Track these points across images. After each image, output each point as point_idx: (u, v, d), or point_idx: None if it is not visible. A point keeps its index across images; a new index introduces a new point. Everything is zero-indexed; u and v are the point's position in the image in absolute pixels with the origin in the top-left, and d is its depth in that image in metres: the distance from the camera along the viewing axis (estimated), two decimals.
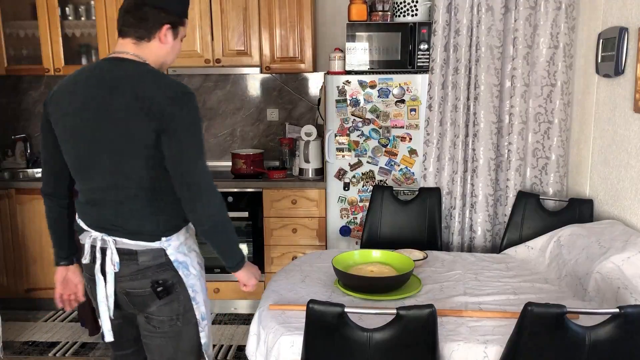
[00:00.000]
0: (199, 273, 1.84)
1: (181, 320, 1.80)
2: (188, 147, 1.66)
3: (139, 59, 1.73)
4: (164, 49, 1.78)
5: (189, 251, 1.81)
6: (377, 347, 1.59)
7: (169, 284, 1.76)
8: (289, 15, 3.54)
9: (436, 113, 3.11)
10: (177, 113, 1.63)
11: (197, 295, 1.82)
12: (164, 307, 1.78)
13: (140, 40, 1.74)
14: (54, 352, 3.24)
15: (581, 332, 1.53)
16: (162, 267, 1.75)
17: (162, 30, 1.74)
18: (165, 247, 1.74)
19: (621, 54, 2.39)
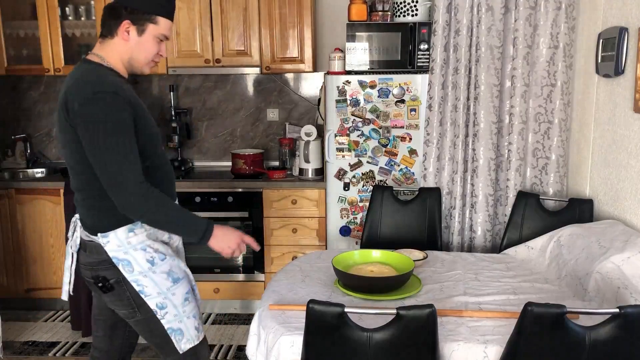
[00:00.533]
0: (149, 270, 1.83)
1: (140, 312, 1.87)
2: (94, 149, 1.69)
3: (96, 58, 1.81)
4: (127, 46, 1.81)
5: (134, 250, 1.82)
6: (377, 347, 1.59)
7: (111, 282, 1.83)
8: (289, 15, 3.54)
9: (436, 113, 3.11)
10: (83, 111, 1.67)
11: (146, 288, 1.84)
12: (116, 301, 1.88)
13: (104, 37, 1.83)
14: (54, 352, 3.24)
15: (581, 332, 1.53)
16: (104, 264, 1.82)
17: (121, 26, 1.79)
18: (103, 244, 1.80)
19: (621, 54, 2.39)
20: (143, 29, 1.81)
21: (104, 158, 1.68)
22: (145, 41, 1.82)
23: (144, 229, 1.84)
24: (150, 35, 1.82)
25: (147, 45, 1.83)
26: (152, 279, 1.84)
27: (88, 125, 1.67)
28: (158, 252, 1.87)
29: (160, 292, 1.85)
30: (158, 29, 1.83)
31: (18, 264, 3.68)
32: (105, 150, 1.67)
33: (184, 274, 1.94)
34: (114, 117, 1.68)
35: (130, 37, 1.80)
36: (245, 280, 3.62)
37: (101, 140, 1.67)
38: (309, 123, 3.82)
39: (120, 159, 1.68)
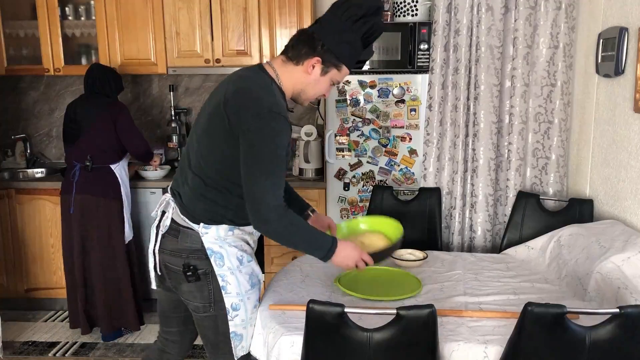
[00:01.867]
0: (237, 268, 1.88)
1: (214, 308, 1.89)
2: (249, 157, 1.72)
3: (272, 72, 1.84)
4: (306, 79, 1.85)
5: (228, 246, 1.87)
6: (377, 347, 1.59)
7: (199, 271, 1.85)
8: (289, 15, 3.54)
9: (436, 113, 3.11)
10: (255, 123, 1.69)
11: (229, 286, 1.87)
12: (196, 292, 1.89)
13: (289, 60, 1.85)
14: (54, 352, 3.24)
15: (581, 332, 1.53)
16: (197, 253, 1.85)
17: (310, 60, 1.82)
18: (202, 234, 1.84)
19: (621, 54, 2.39)
20: (327, 70, 1.84)
21: (256, 174, 1.71)
22: (323, 81, 1.86)
23: (241, 232, 1.90)
24: (329, 78, 1.86)
25: (322, 85, 1.87)
26: (236, 277, 1.88)
27: (255, 138, 1.70)
28: (247, 253, 1.93)
29: (239, 293, 1.88)
30: (338, 75, 1.87)
31: (18, 264, 3.68)
32: (262, 168, 1.71)
33: (259, 281, 1.97)
34: (279, 140, 1.72)
35: (313, 73, 1.83)
36: None
37: (262, 157, 1.71)
38: (309, 123, 3.82)
39: (270, 179, 1.72)
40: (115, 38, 3.64)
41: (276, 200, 1.74)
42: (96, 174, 3.21)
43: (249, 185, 1.73)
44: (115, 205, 3.24)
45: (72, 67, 3.75)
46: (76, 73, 3.81)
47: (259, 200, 1.72)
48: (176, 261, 1.88)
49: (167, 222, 1.90)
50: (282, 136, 1.73)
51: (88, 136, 3.21)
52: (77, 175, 3.19)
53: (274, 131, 1.71)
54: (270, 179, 1.72)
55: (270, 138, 1.71)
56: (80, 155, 3.21)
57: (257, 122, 1.70)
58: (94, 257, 3.24)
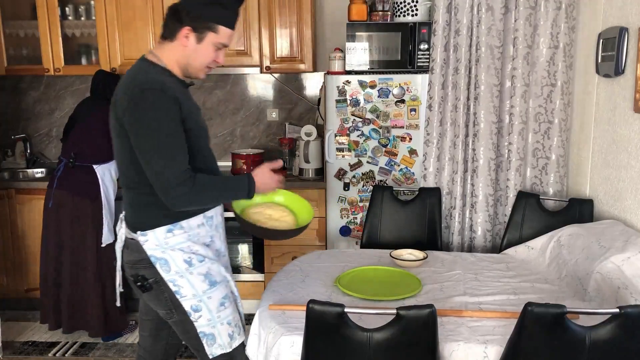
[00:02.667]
0: (186, 271, 1.85)
1: (177, 313, 1.88)
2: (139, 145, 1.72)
3: (152, 58, 1.83)
4: (185, 51, 1.82)
5: (171, 250, 1.83)
6: (377, 347, 1.59)
7: (149, 281, 1.85)
8: (289, 15, 3.54)
9: (436, 113, 3.11)
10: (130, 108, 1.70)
11: (182, 289, 1.85)
12: (155, 301, 1.90)
13: (164, 39, 1.84)
14: (54, 352, 3.24)
15: (581, 332, 1.53)
16: (143, 263, 1.84)
17: (181, 32, 1.79)
18: (142, 242, 1.82)
19: (621, 54, 2.39)
20: (202, 36, 1.80)
21: (149, 155, 1.71)
22: (203, 48, 1.82)
23: (183, 230, 1.86)
24: (209, 43, 1.82)
25: (203, 53, 1.83)
26: (188, 279, 1.84)
27: (134, 122, 1.70)
28: (197, 254, 1.87)
29: (195, 294, 1.85)
30: (218, 37, 1.83)
31: (18, 264, 3.68)
32: (151, 148, 1.70)
33: (222, 278, 1.93)
34: (160, 115, 1.70)
35: (188, 43, 1.81)
36: (245, 280, 3.61)
37: (147, 137, 1.70)
38: (309, 123, 3.82)
39: (164, 157, 1.70)
40: (115, 38, 3.64)
41: (178, 174, 1.71)
42: (78, 171, 3.22)
43: (147, 168, 1.72)
44: (91, 206, 3.19)
45: (72, 67, 3.75)
46: (76, 73, 3.81)
47: (161, 179, 1.71)
48: (129, 272, 1.91)
49: (123, 237, 1.93)
50: (162, 109, 1.70)
51: (77, 133, 3.25)
52: (61, 170, 3.21)
53: (151, 107, 1.69)
54: (163, 155, 1.70)
55: (150, 115, 1.69)
56: (67, 152, 3.24)
57: (132, 105, 1.70)
58: (65, 255, 3.22)
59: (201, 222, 1.90)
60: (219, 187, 1.84)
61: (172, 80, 1.82)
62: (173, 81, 1.82)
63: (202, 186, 1.77)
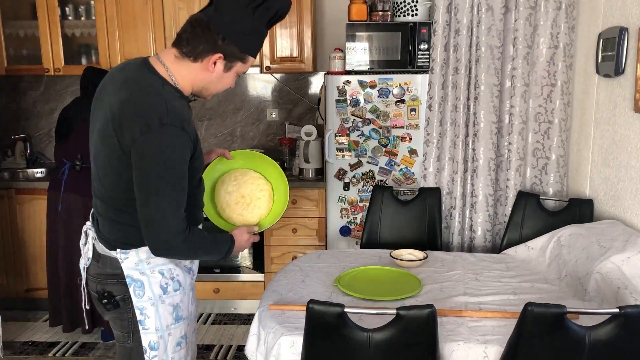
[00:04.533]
0: (158, 298, 1.69)
1: (132, 340, 1.73)
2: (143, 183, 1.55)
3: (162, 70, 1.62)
4: (208, 77, 1.65)
5: (151, 272, 1.68)
6: (377, 347, 1.59)
7: (116, 298, 1.70)
8: (289, 15, 3.51)
9: (436, 113, 3.11)
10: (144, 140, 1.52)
11: (147, 320, 1.69)
12: (116, 320, 1.74)
13: (184, 55, 1.62)
14: (54, 352, 3.24)
15: (581, 332, 1.53)
16: (114, 278, 1.69)
17: (212, 58, 1.61)
18: (121, 260, 1.67)
19: (621, 54, 2.39)
20: (231, 65, 1.65)
21: (152, 198, 1.54)
22: (228, 77, 1.68)
23: None
24: (235, 72, 1.68)
25: (227, 81, 1.69)
26: (157, 309, 1.69)
27: (147, 157, 1.52)
28: (174, 280, 1.73)
29: (158, 329, 1.70)
30: (244, 67, 1.68)
31: (18, 264, 3.68)
32: (157, 190, 1.54)
33: (187, 314, 1.79)
34: (175, 154, 1.54)
35: (215, 70, 1.63)
36: (245, 280, 3.62)
37: (156, 177, 1.53)
38: (309, 123, 3.82)
39: (167, 203, 1.55)
40: (115, 38, 3.64)
41: (178, 223, 1.57)
42: (86, 173, 3.20)
43: (144, 207, 1.55)
44: None
45: (72, 67, 3.75)
46: (76, 73, 3.79)
47: (158, 224, 1.55)
48: (94, 287, 1.75)
49: (89, 254, 1.76)
50: (178, 149, 1.54)
51: (79, 135, 3.19)
52: (66, 173, 3.20)
53: (166, 145, 1.52)
54: (167, 200, 1.54)
55: (163, 154, 1.52)
56: (70, 154, 3.22)
57: (146, 138, 1.51)
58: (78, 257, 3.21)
59: None
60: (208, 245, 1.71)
61: (184, 105, 1.65)
62: (185, 105, 1.65)
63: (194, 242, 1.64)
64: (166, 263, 1.71)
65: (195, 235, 1.64)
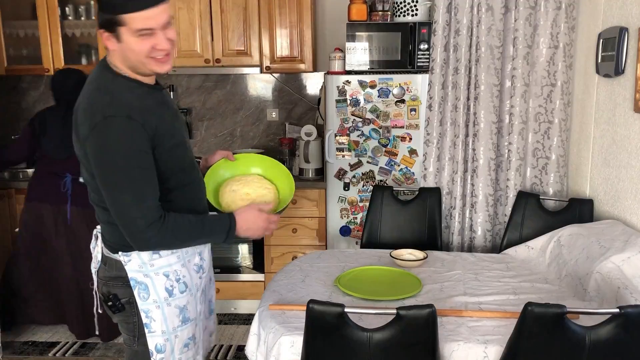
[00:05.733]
0: (164, 301, 1.68)
1: (138, 343, 1.72)
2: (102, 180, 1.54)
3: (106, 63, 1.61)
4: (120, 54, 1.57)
5: (155, 274, 1.66)
6: (377, 347, 1.59)
7: (121, 301, 1.69)
8: (289, 15, 3.53)
9: (436, 113, 3.11)
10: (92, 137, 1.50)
11: (153, 323, 1.67)
12: (123, 323, 1.74)
13: None
14: (54, 352, 3.24)
15: (581, 332, 1.53)
16: (119, 281, 1.68)
17: (102, 37, 1.56)
18: (124, 262, 1.65)
19: (621, 54, 2.39)
20: (117, 34, 1.53)
21: (113, 194, 1.53)
22: (128, 45, 1.54)
23: (170, 250, 1.69)
24: (129, 37, 1.52)
25: (133, 48, 1.54)
26: (163, 311, 1.67)
27: (97, 154, 1.51)
28: (180, 282, 1.70)
29: (164, 331, 1.69)
30: (131, 27, 1.51)
31: None
32: (115, 185, 1.52)
33: (195, 315, 1.77)
34: (125, 147, 1.50)
35: (114, 46, 1.55)
36: (245, 280, 3.62)
37: (110, 173, 1.51)
38: (309, 123, 3.82)
39: (130, 195, 1.52)
40: None
41: (147, 215, 1.53)
42: None
43: (112, 206, 1.54)
44: None
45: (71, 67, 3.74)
46: None
47: (128, 220, 1.54)
48: (101, 289, 1.75)
49: (99, 257, 1.76)
50: (127, 139, 1.50)
51: None
52: (69, 188, 3.15)
53: (113, 138, 1.49)
54: (128, 193, 1.51)
55: (111, 146, 1.49)
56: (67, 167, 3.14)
57: (93, 134, 1.49)
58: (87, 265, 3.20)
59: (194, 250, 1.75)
60: (193, 229, 1.65)
61: (140, 95, 1.59)
62: (141, 95, 1.60)
63: (172, 229, 1.59)
64: (171, 264, 1.68)
65: (172, 223, 1.59)
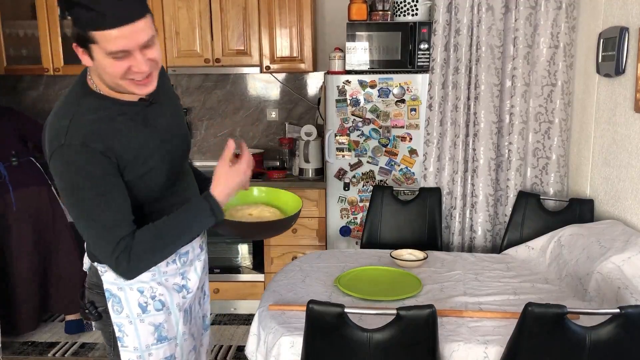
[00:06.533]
0: (137, 317, 1.59)
1: (114, 353, 1.66)
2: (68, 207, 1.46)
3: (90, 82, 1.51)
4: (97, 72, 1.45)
5: (129, 288, 1.58)
6: (377, 347, 1.59)
7: (98, 309, 1.63)
8: (289, 14, 3.53)
9: (436, 113, 3.10)
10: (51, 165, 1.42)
11: (126, 338, 1.60)
12: (101, 331, 1.69)
13: None
14: (54, 352, 3.23)
15: (581, 332, 1.53)
16: (98, 288, 1.61)
17: (77, 51, 1.42)
18: (101, 272, 1.59)
19: (622, 54, 2.39)
20: (89, 51, 1.38)
21: (79, 224, 1.46)
22: (101, 64, 1.39)
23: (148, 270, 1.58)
24: (103, 56, 1.37)
25: (105, 68, 1.40)
26: (136, 328, 1.59)
27: (57, 183, 1.44)
28: (155, 299, 1.61)
29: (137, 348, 1.60)
30: (104, 46, 1.35)
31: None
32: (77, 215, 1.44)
33: (174, 334, 1.65)
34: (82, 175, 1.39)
35: (88, 62, 1.42)
36: (245, 280, 3.61)
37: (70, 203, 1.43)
38: (309, 123, 3.82)
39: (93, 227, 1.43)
40: None
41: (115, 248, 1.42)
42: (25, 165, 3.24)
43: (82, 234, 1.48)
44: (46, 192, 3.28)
45: (71, 67, 3.74)
46: (76, 73, 3.78)
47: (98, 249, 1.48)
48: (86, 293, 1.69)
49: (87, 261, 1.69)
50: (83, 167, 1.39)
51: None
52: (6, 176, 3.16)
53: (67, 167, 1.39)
54: (94, 223, 1.43)
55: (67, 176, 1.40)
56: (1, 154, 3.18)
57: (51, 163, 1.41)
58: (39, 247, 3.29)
59: (171, 259, 1.63)
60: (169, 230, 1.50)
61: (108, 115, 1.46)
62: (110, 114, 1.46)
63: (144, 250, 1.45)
64: (146, 281, 1.59)
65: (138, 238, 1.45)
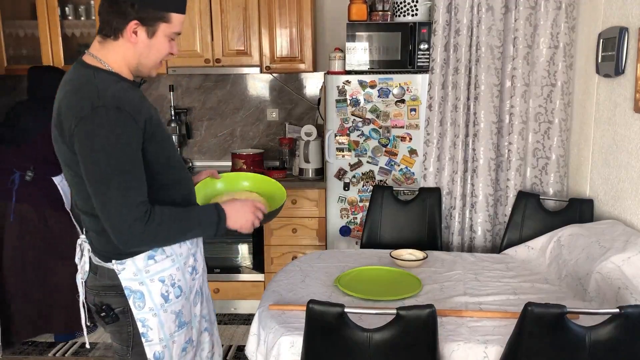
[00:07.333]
0: (160, 307, 1.63)
1: (131, 353, 1.66)
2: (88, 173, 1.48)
3: (93, 61, 1.57)
4: (136, 49, 1.57)
5: (150, 281, 1.61)
6: (377, 347, 1.59)
7: (115, 311, 1.63)
8: (289, 15, 3.53)
9: (436, 113, 3.11)
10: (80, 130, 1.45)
11: (150, 332, 1.62)
12: (115, 333, 1.68)
13: (105, 37, 1.57)
14: (54, 352, 3.23)
15: (581, 332, 1.53)
16: (112, 290, 1.62)
17: (128, 27, 1.53)
18: (118, 271, 1.60)
19: (621, 54, 2.39)
20: (154, 29, 1.55)
21: (100, 188, 1.47)
22: (157, 43, 1.57)
23: (165, 254, 1.64)
24: (162, 36, 1.57)
25: (158, 47, 1.58)
26: (160, 319, 1.63)
27: (84, 145, 1.46)
28: (175, 286, 1.66)
29: (162, 339, 1.64)
30: (171, 27, 1.57)
31: None
32: (102, 178, 1.46)
33: (190, 318, 1.73)
34: (114, 138, 1.45)
35: (139, 40, 1.55)
36: (245, 280, 3.61)
37: (97, 165, 1.46)
38: (309, 123, 3.82)
39: (117, 189, 1.47)
40: None
41: (134, 210, 1.48)
42: (37, 184, 3.12)
43: (97, 202, 1.49)
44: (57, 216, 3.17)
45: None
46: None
47: (111, 215, 1.48)
48: (92, 299, 1.69)
49: (86, 267, 1.70)
50: (116, 130, 1.45)
51: (39, 144, 3.05)
52: (17, 183, 3.09)
53: (102, 128, 1.44)
54: (118, 186, 1.46)
55: (100, 137, 1.44)
56: (21, 164, 3.10)
57: (81, 125, 1.45)
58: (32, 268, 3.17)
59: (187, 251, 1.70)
60: (182, 220, 1.59)
61: (125, 88, 1.55)
62: (126, 88, 1.55)
63: (160, 222, 1.53)
64: (166, 269, 1.64)
65: (160, 213, 1.54)
